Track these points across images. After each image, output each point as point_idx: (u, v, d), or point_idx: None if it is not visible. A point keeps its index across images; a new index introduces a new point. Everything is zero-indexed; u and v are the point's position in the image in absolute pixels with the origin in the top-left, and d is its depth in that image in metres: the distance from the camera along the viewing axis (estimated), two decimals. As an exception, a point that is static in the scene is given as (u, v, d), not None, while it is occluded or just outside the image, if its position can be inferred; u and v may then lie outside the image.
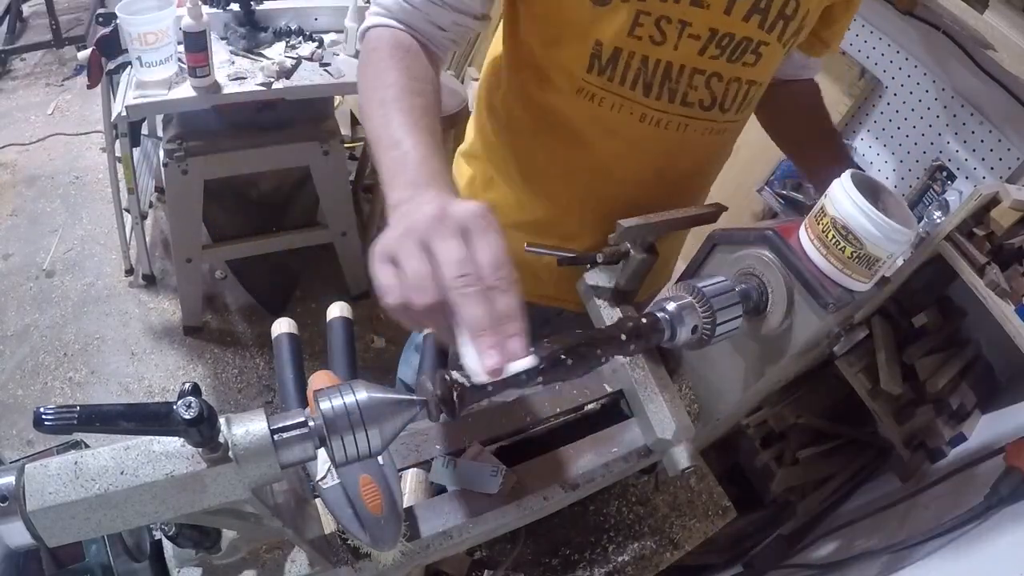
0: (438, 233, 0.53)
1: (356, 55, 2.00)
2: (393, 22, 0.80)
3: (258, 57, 1.94)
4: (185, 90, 1.79)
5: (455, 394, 0.52)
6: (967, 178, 1.58)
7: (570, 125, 0.92)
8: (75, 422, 0.40)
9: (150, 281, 2.58)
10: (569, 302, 1.04)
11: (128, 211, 2.29)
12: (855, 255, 0.62)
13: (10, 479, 0.42)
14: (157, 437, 0.46)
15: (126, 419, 0.42)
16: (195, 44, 1.69)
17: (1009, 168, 1.49)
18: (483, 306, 0.50)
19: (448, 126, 2.43)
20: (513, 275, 0.52)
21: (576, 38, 0.84)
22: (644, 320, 0.63)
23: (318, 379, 0.65)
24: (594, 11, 0.80)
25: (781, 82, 1.06)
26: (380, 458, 0.64)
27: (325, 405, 0.47)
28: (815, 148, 1.10)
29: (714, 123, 0.91)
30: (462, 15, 0.81)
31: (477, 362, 0.50)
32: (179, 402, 0.42)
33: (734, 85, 0.88)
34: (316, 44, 2.00)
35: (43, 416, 0.39)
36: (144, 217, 2.35)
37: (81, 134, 3.21)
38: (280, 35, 2.01)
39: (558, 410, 0.85)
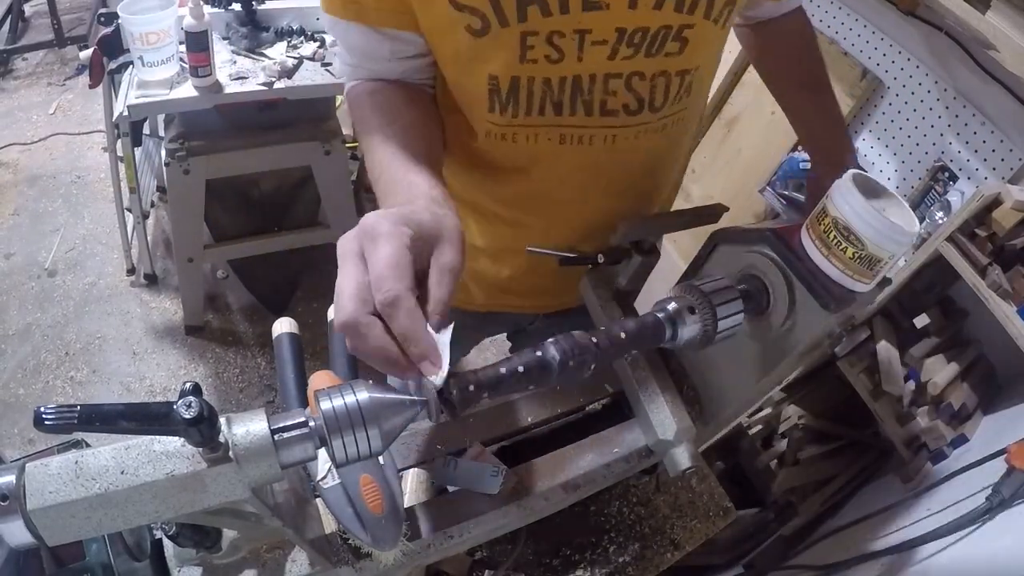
0: (341, 256, 0.53)
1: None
2: (356, 81, 0.83)
3: (260, 57, 1.94)
4: (187, 90, 1.79)
5: (455, 394, 0.52)
6: (969, 179, 1.58)
7: (496, 163, 0.87)
8: (75, 422, 0.40)
9: (152, 280, 2.58)
10: (570, 302, 1.04)
11: (130, 210, 2.30)
12: (857, 256, 0.61)
13: (11, 478, 0.42)
14: (158, 437, 0.46)
15: (126, 419, 0.42)
16: (197, 44, 1.70)
17: (1011, 169, 1.49)
18: (367, 343, 0.49)
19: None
20: (394, 291, 0.49)
21: (469, 76, 0.78)
22: (645, 321, 0.63)
23: (318, 379, 0.65)
24: (475, 43, 0.72)
25: (764, 22, 1.02)
26: (381, 458, 0.64)
27: (326, 405, 0.47)
28: (802, 99, 1.06)
29: (647, 124, 0.82)
30: (413, 59, 0.80)
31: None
32: (179, 402, 0.42)
33: (661, 80, 0.78)
34: (318, 44, 2.00)
35: (43, 415, 0.40)
36: (146, 216, 2.35)
37: (83, 134, 3.21)
38: (282, 35, 2.01)
39: (559, 410, 0.85)
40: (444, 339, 0.52)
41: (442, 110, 0.87)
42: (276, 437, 0.47)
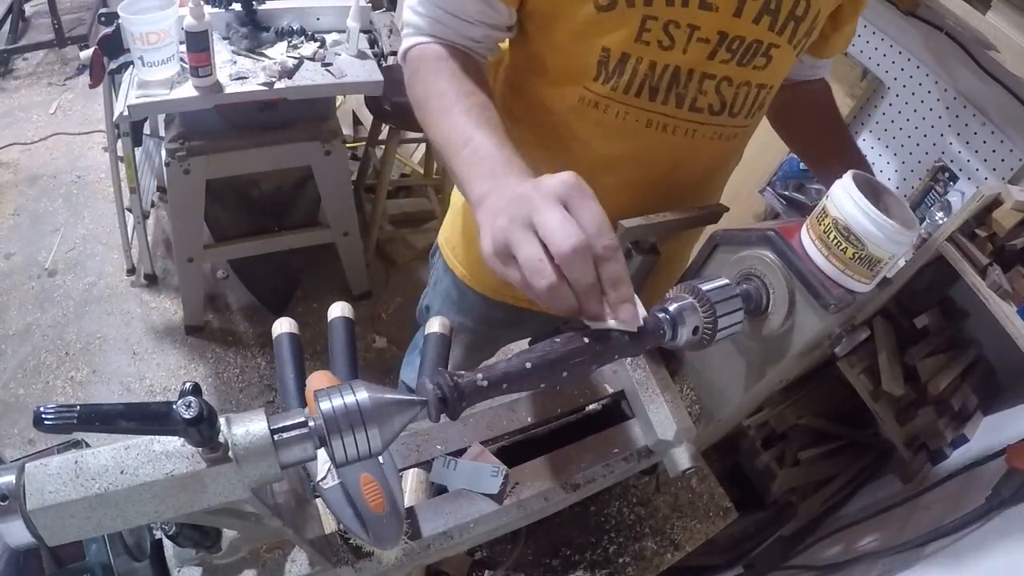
0: (536, 209, 0.54)
1: (358, 55, 2.01)
2: (428, 39, 0.83)
3: (260, 57, 1.94)
4: (187, 90, 1.79)
5: (455, 394, 0.52)
6: (969, 179, 1.58)
7: (572, 130, 0.91)
8: (75, 421, 0.40)
9: (152, 280, 2.59)
10: None
11: (130, 210, 2.30)
12: (857, 256, 0.61)
13: (10, 478, 0.42)
14: (157, 437, 0.46)
15: (126, 419, 0.42)
16: (197, 44, 1.70)
17: (1011, 169, 1.49)
18: (592, 277, 0.53)
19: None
20: (615, 241, 0.54)
21: (583, 45, 0.82)
22: (645, 321, 0.63)
23: (316, 379, 0.65)
24: (599, 17, 0.79)
25: (792, 83, 1.05)
26: (381, 458, 0.64)
27: (325, 405, 0.47)
28: (827, 148, 1.08)
29: (723, 128, 0.90)
30: (492, 28, 0.84)
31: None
32: (179, 402, 0.42)
33: (744, 89, 0.86)
34: (318, 44, 2.00)
35: (43, 415, 0.40)
36: (146, 216, 2.35)
37: (83, 133, 3.21)
38: (282, 35, 2.01)
39: (559, 410, 0.85)
40: None
41: (510, 75, 0.93)
42: (276, 437, 0.47)
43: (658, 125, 0.87)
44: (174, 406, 0.42)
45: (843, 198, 0.62)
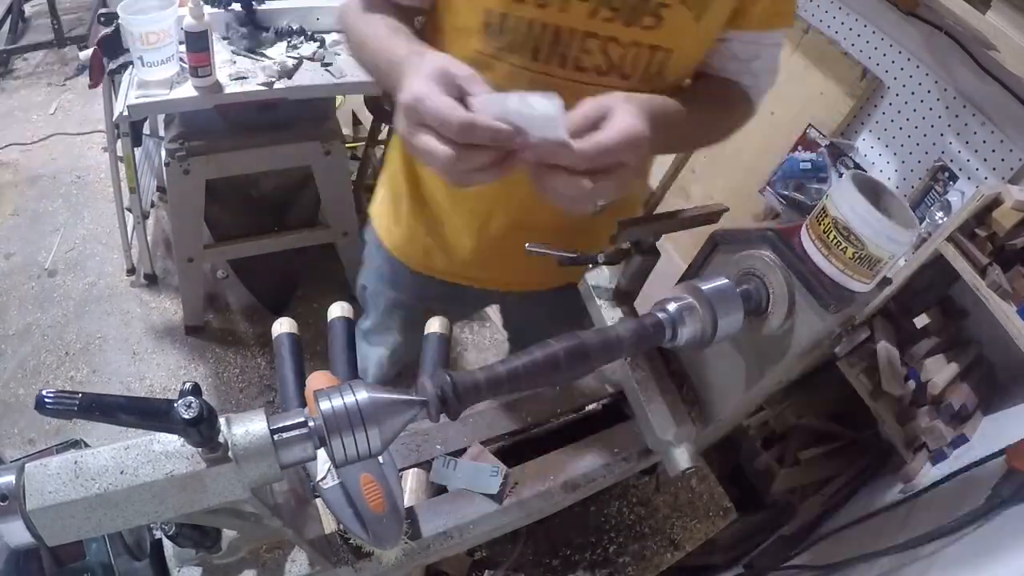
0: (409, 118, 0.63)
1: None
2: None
3: (260, 57, 1.93)
4: (187, 90, 1.79)
5: (455, 394, 0.52)
6: (969, 179, 1.58)
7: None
8: (75, 408, 0.40)
9: (152, 280, 2.58)
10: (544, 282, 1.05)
11: (130, 210, 2.29)
12: (856, 256, 0.61)
13: (10, 478, 0.42)
14: (157, 437, 0.46)
15: (126, 412, 0.42)
16: (196, 44, 1.69)
17: (1011, 169, 1.49)
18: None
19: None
20: (458, 118, 0.60)
21: (469, 4, 0.84)
22: (645, 321, 0.63)
23: (316, 379, 0.65)
24: None
25: (713, 76, 0.94)
26: (380, 458, 0.64)
27: (325, 405, 0.47)
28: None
29: (612, 89, 0.83)
30: None
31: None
32: (179, 402, 0.42)
33: (633, 49, 0.83)
34: (318, 44, 2.00)
35: (45, 398, 0.40)
36: (146, 216, 2.35)
37: (83, 134, 3.21)
38: (282, 35, 2.01)
39: (559, 411, 0.85)
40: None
41: (430, 39, 0.93)
42: (275, 437, 0.47)
43: (542, 84, 0.85)
44: (175, 404, 0.42)
45: (843, 198, 0.62)
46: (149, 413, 0.42)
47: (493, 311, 2.22)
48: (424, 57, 0.69)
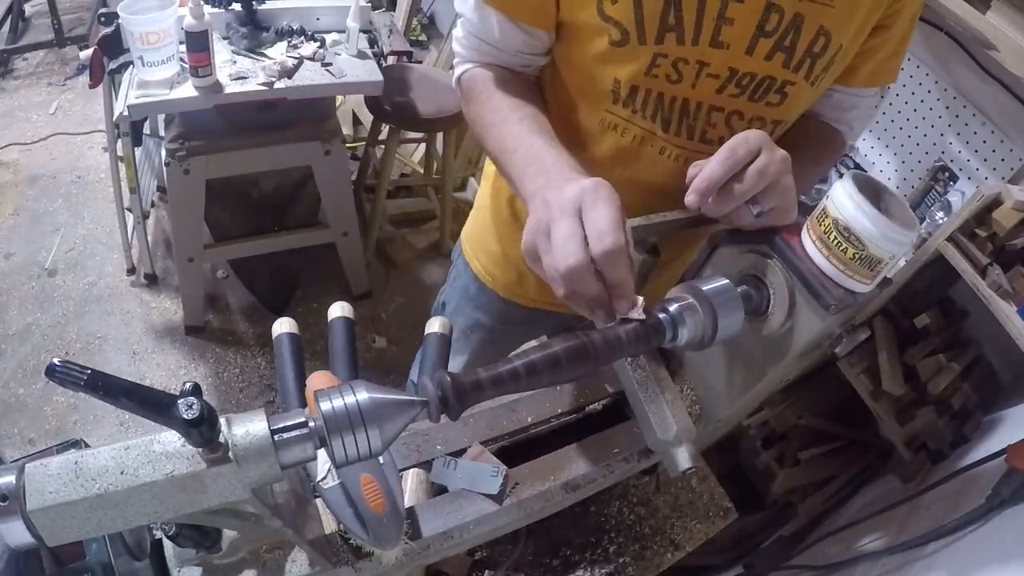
0: (552, 219, 0.60)
1: (358, 55, 2.01)
2: (475, 64, 0.89)
3: (260, 57, 1.94)
4: (187, 90, 1.79)
5: (455, 394, 0.52)
6: (969, 179, 1.58)
7: (592, 152, 0.92)
8: (82, 382, 0.40)
9: (152, 280, 2.58)
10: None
11: (130, 210, 2.30)
12: (857, 256, 0.61)
13: (10, 478, 0.42)
14: (157, 437, 0.46)
15: (129, 397, 0.42)
16: (197, 44, 1.70)
17: (1011, 169, 1.49)
18: (594, 289, 0.59)
19: (451, 125, 2.43)
20: (616, 243, 0.58)
21: (597, 72, 0.84)
22: (645, 321, 0.63)
23: (316, 379, 0.65)
24: (612, 51, 0.81)
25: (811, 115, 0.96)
26: (381, 458, 0.64)
27: (325, 405, 0.47)
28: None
29: None
30: (532, 55, 0.88)
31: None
32: (180, 402, 0.42)
33: (756, 124, 0.85)
34: (318, 44, 2.00)
35: (55, 365, 0.40)
36: (146, 216, 2.35)
37: (83, 133, 3.21)
38: (282, 35, 2.01)
39: (559, 411, 0.85)
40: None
41: (550, 97, 0.94)
42: (276, 437, 0.47)
43: (671, 155, 0.88)
44: (177, 400, 0.42)
45: (843, 198, 0.62)
46: (151, 404, 0.42)
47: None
48: (596, 184, 0.64)
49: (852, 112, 0.96)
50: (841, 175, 0.65)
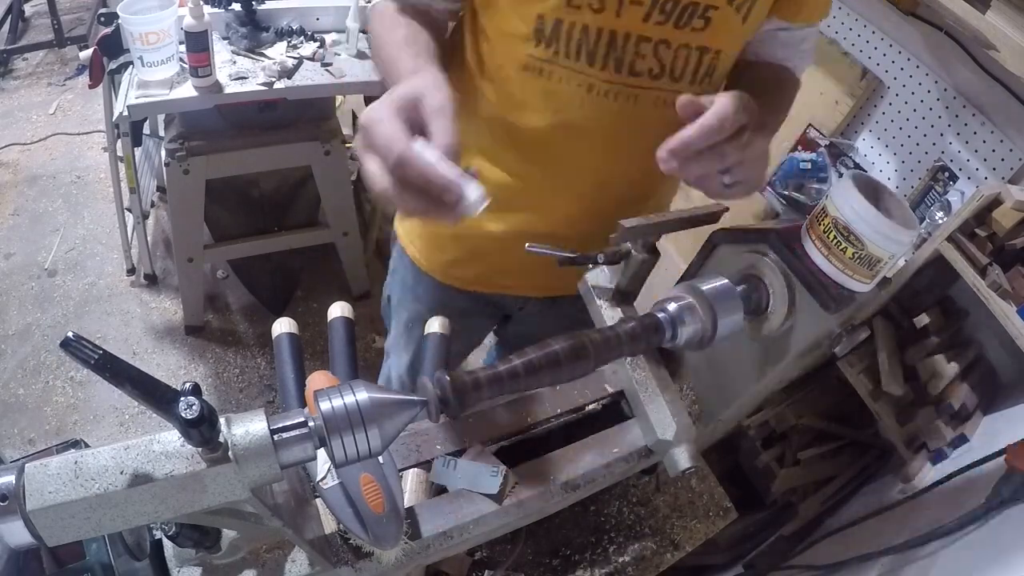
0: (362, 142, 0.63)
1: (358, 55, 2.01)
2: (391, 2, 0.89)
3: (260, 57, 1.93)
4: (187, 90, 1.79)
5: (455, 394, 0.52)
6: (969, 179, 1.58)
7: (521, 99, 0.91)
8: (92, 361, 0.40)
9: (152, 281, 2.58)
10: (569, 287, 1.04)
11: (130, 210, 2.30)
12: (856, 256, 0.61)
13: (10, 478, 0.42)
14: (157, 437, 0.46)
15: (134, 384, 0.42)
16: (196, 44, 1.70)
17: (1011, 169, 1.49)
18: (408, 203, 0.60)
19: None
20: (401, 150, 0.58)
21: (519, 11, 0.84)
22: (645, 321, 0.63)
23: (316, 379, 0.65)
24: None
25: (757, 62, 0.97)
26: (380, 458, 0.64)
27: (325, 405, 0.47)
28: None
29: (666, 92, 0.87)
30: None
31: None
32: (181, 401, 0.42)
33: (683, 51, 0.85)
34: (318, 44, 2.00)
35: (70, 339, 0.40)
36: (146, 217, 2.35)
37: (83, 134, 3.21)
38: (282, 35, 2.01)
39: (559, 410, 0.85)
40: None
41: (472, 47, 0.94)
42: (275, 437, 0.47)
43: (599, 91, 0.87)
44: (181, 397, 0.42)
45: (842, 198, 0.62)
46: (154, 395, 0.42)
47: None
48: (412, 78, 0.67)
49: (800, 47, 0.97)
50: (841, 175, 0.65)
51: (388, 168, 0.59)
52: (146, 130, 2.48)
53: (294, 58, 1.93)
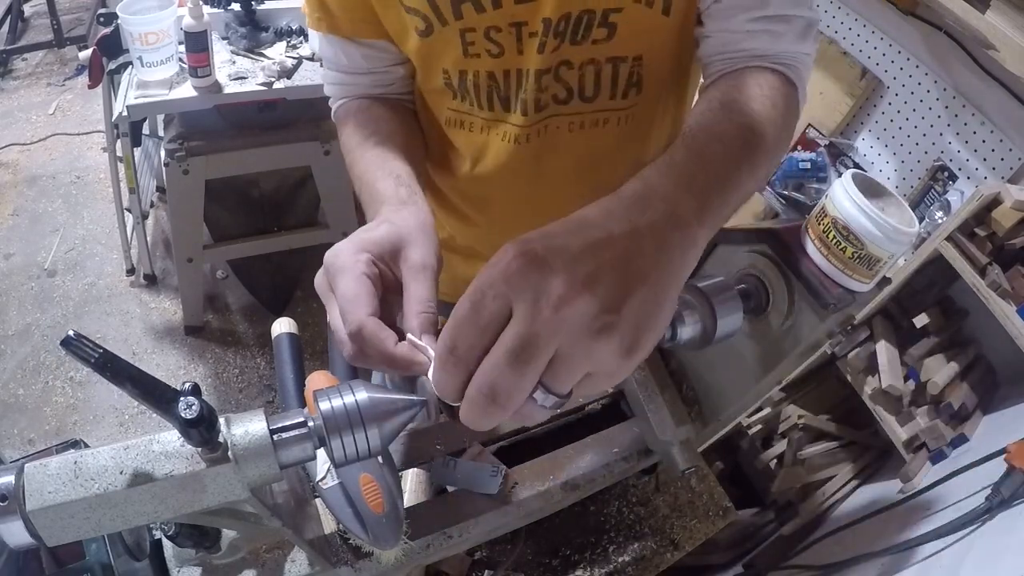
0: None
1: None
2: (343, 100, 0.86)
3: (259, 57, 1.94)
4: (186, 90, 1.79)
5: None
6: (968, 178, 1.58)
7: (458, 153, 0.89)
8: (92, 359, 0.40)
9: (151, 281, 2.58)
10: None
11: (129, 211, 2.30)
12: (856, 255, 0.61)
13: (10, 478, 0.42)
14: (157, 437, 0.46)
15: (134, 383, 0.42)
16: (196, 44, 1.70)
17: (1011, 168, 1.49)
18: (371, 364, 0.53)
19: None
20: (345, 328, 0.53)
21: (428, 71, 0.81)
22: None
23: (316, 379, 0.65)
24: (425, 43, 0.76)
25: (731, 70, 0.71)
26: (380, 458, 0.64)
27: (324, 405, 0.47)
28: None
29: (579, 116, 0.81)
30: (391, 66, 0.83)
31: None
32: (180, 401, 0.42)
33: (590, 68, 0.76)
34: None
35: (71, 338, 0.40)
36: (145, 217, 2.35)
37: (82, 134, 3.21)
38: (281, 35, 2.01)
39: (559, 410, 0.85)
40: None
41: (418, 104, 0.90)
42: (275, 437, 0.47)
43: (513, 138, 0.82)
44: (180, 397, 0.42)
45: (842, 197, 0.62)
46: (154, 394, 0.42)
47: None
48: (394, 215, 0.61)
49: (790, 30, 0.71)
50: (840, 175, 0.65)
51: (346, 331, 0.53)
52: (146, 130, 2.48)
53: (293, 58, 1.93)
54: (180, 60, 1.80)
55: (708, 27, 0.73)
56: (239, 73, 1.85)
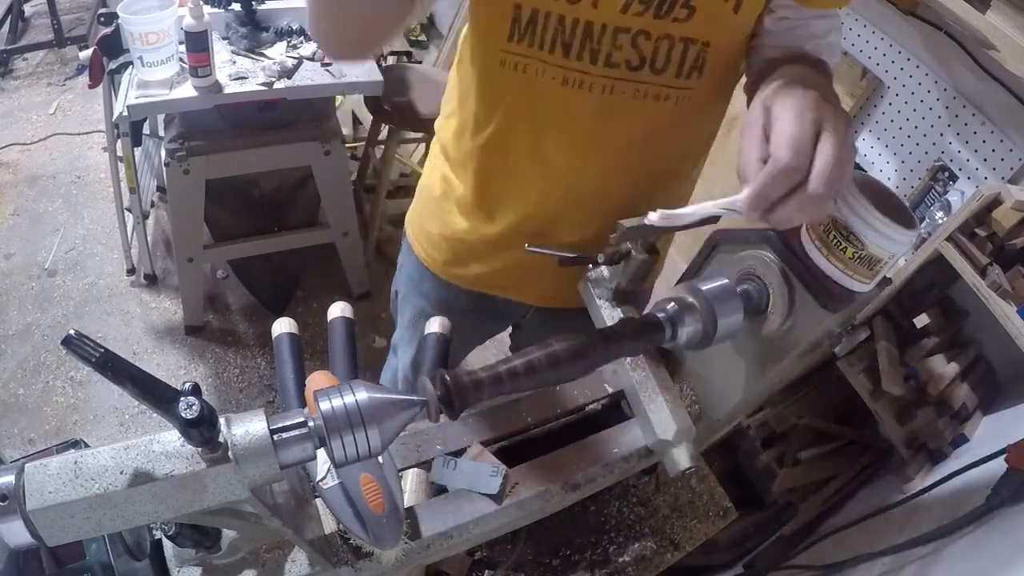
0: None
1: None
2: None
3: (259, 57, 1.94)
4: (186, 90, 1.79)
5: (455, 394, 0.52)
6: (969, 178, 1.57)
7: (509, 100, 0.91)
8: (93, 359, 0.40)
9: (152, 281, 2.58)
10: (571, 299, 1.03)
11: (130, 211, 2.30)
12: (856, 256, 0.61)
13: (10, 478, 0.42)
14: (157, 437, 0.46)
15: (135, 383, 0.42)
16: (196, 44, 1.70)
17: (1011, 168, 1.49)
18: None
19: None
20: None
21: (498, 5, 0.82)
22: (645, 321, 0.63)
23: (316, 379, 0.65)
24: None
25: (776, 57, 0.82)
26: (380, 458, 0.64)
27: (325, 405, 0.47)
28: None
29: (646, 85, 0.85)
30: None
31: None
32: (181, 401, 0.42)
33: (664, 43, 0.81)
34: (317, 44, 2.00)
35: (72, 337, 0.40)
36: (146, 217, 2.35)
37: (83, 134, 3.21)
38: (281, 35, 2.01)
39: (559, 410, 0.85)
40: None
41: (466, 56, 0.93)
42: (275, 437, 0.47)
43: (574, 83, 0.85)
44: (181, 397, 0.42)
45: (843, 198, 0.62)
46: (154, 394, 0.42)
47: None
48: None
49: (826, 38, 0.85)
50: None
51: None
52: (146, 130, 2.48)
53: (294, 58, 1.93)
54: (180, 60, 1.80)
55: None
56: (239, 73, 1.85)
